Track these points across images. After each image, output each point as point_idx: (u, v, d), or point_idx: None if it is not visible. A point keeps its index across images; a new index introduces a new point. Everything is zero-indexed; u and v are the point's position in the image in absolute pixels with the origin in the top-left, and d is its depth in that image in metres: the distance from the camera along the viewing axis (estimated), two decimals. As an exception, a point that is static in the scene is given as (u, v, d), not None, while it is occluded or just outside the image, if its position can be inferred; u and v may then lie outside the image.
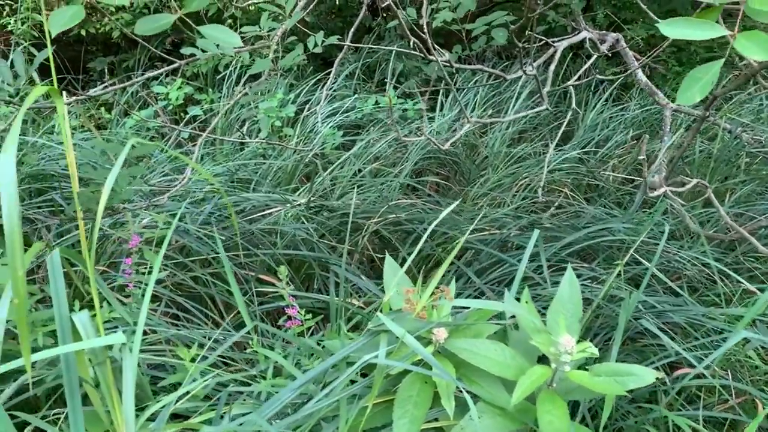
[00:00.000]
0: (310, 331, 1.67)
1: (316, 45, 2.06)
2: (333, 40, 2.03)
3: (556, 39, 2.79)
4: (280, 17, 2.19)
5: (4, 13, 3.42)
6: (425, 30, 2.17)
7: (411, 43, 1.89)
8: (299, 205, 2.47)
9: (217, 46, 2.03)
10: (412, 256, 1.14)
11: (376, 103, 3.81)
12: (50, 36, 0.66)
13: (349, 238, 2.56)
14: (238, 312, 2.24)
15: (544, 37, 2.68)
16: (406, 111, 3.82)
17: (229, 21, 4.20)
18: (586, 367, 1.01)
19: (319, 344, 1.41)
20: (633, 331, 1.80)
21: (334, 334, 1.64)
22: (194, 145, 2.30)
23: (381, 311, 0.99)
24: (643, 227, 2.50)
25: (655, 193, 1.46)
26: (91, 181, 1.60)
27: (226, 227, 2.41)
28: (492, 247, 2.35)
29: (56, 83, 1.50)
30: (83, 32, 4.42)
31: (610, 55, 2.92)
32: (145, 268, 1.53)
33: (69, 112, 3.53)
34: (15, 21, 3.34)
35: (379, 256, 2.50)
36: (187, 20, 0.87)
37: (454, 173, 3.56)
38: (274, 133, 3.66)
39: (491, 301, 1.02)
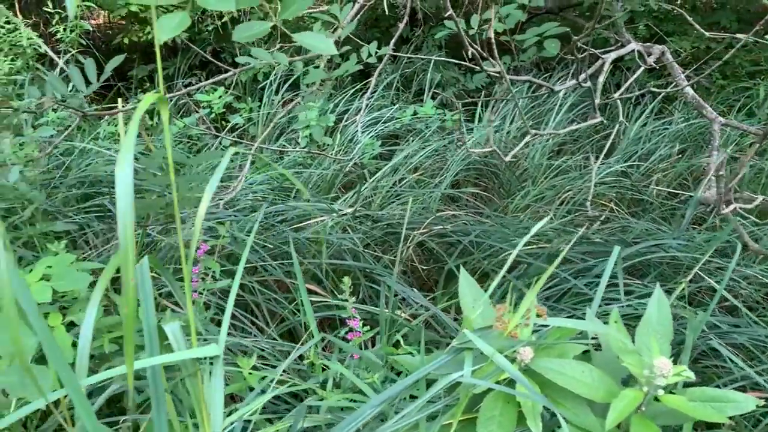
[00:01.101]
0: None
1: (369, 55, 2.06)
2: (386, 50, 2.02)
3: (602, 50, 2.75)
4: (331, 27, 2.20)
5: (54, 22, 3.48)
6: (476, 41, 2.15)
7: (469, 54, 1.87)
8: (345, 214, 2.45)
9: (272, 53, 2.04)
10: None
11: (415, 113, 3.80)
12: (158, 42, 0.66)
13: (394, 248, 2.55)
14: (282, 320, 2.24)
15: (592, 49, 2.64)
16: (444, 121, 3.80)
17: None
18: (672, 391, 0.97)
19: (379, 357, 1.39)
20: (695, 352, 1.75)
21: (390, 348, 1.62)
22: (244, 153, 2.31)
23: (462, 328, 0.96)
24: (694, 243, 2.44)
25: (726, 210, 1.41)
26: (136, 186, 1.61)
27: (273, 235, 2.41)
28: (540, 260, 2.31)
29: (101, 89, 1.50)
30: (126, 40, 4.50)
31: (657, 67, 2.87)
32: (204, 275, 1.52)
33: (108, 119, 3.58)
34: (64, 29, 3.40)
35: (423, 267, 2.48)
36: (282, 28, 0.86)
37: (493, 185, 3.52)
38: (313, 143, 3.67)
39: (578, 320, 0.99)
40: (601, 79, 2.64)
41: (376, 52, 2.06)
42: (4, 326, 1.00)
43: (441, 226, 2.45)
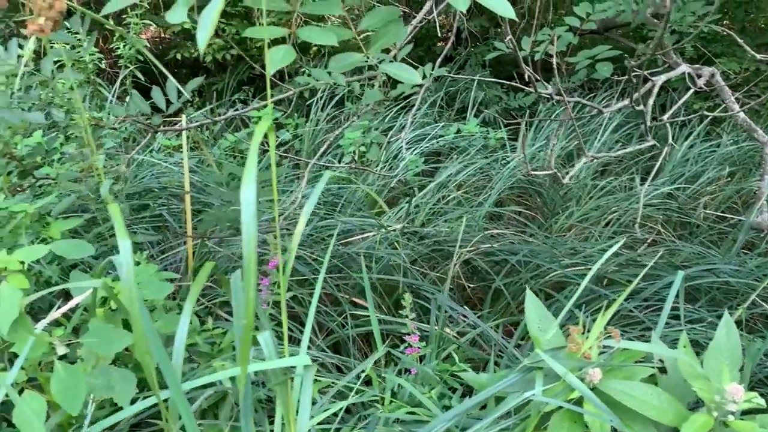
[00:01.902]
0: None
1: (424, 77, 2.11)
2: (442, 71, 2.07)
3: (650, 71, 2.76)
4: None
5: (114, 39, 3.64)
6: (528, 62, 2.19)
7: (525, 76, 1.91)
8: (393, 230, 2.50)
9: (329, 74, 2.11)
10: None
11: (458, 131, 3.84)
12: (269, 73, 0.71)
13: (440, 264, 2.58)
14: (330, 332, 2.29)
15: (644, 72, 2.65)
16: (487, 139, 3.84)
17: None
18: (741, 417, 0.98)
19: (437, 372, 1.42)
20: (753, 380, 1.73)
21: (445, 365, 1.65)
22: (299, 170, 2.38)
23: (534, 347, 0.99)
24: (746, 269, 2.41)
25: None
26: (193, 199, 1.68)
27: (322, 248, 2.46)
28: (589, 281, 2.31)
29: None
30: (179, 56, 4.66)
31: (707, 90, 2.86)
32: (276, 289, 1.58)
33: (165, 133, 3.70)
34: (123, 46, 3.55)
35: (470, 285, 2.50)
36: (371, 59, 0.91)
37: (536, 203, 3.53)
38: (357, 159, 3.74)
39: (646, 344, 1.01)
40: (651, 101, 2.64)
41: (431, 74, 2.12)
42: (97, 331, 1.07)
43: (488, 245, 2.47)
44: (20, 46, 2.22)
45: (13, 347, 0.96)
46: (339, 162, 3.66)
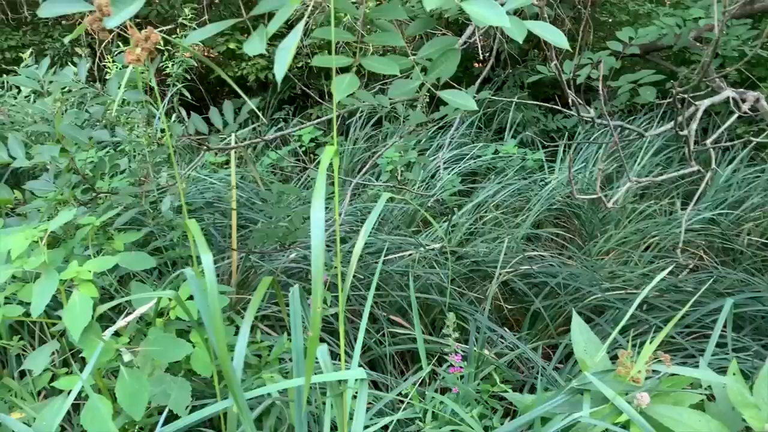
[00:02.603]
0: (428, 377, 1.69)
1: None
2: (485, 94, 2.11)
3: (692, 94, 2.75)
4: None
5: (164, 57, 3.78)
6: (570, 85, 2.20)
7: (571, 99, 1.93)
8: (432, 249, 2.53)
9: (374, 96, 2.17)
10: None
11: (496, 152, 3.86)
12: (336, 99, 0.76)
13: (478, 285, 2.59)
14: (368, 349, 2.31)
15: (687, 95, 2.64)
16: (525, 161, 3.84)
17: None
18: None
19: (478, 392, 1.43)
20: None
21: (486, 385, 1.66)
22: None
23: (581, 370, 1.00)
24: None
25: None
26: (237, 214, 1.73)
27: (362, 266, 2.50)
28: (628, 305, 2.30)
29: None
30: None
31: (752, 114, 2.83)
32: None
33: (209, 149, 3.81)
34: (172, 65, 3.68)
35: (509, 306, 2.51)
36: (428, 85, 0.96)
37: (574, 226, 3.51)
38: (393, 177, 3.79)
39: (696, 370, 1.01)
40: (694, 126, 2.63)
41: (475, 96, 2.15)
42: (157, 340, 1.12)
43: (527, 266, 2.48)
44: (74, 64, 2.33)
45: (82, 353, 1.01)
46: (377, 180, 3.71)
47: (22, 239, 1.07)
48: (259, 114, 1.47)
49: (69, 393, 1.00)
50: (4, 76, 3.87)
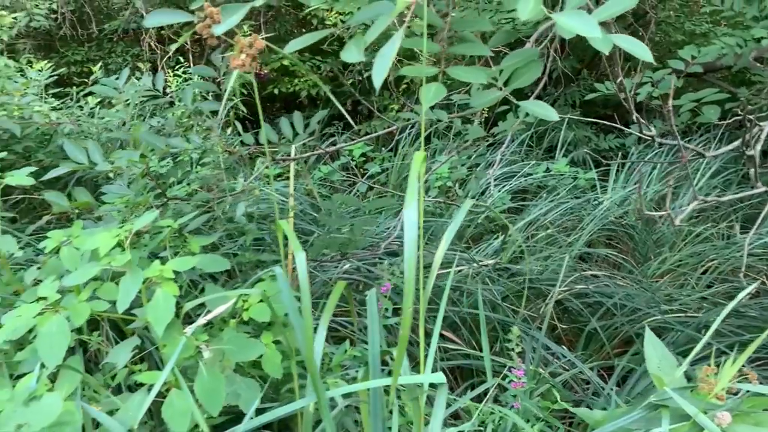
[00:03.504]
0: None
1: (527, 114, 2.15)
2: (554, 118, 2.11)
3: (756, 115, 2.68)
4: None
5: (221, 73, 3.88)
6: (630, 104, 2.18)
7: (633, 116, 1.91)
8: (486, 265, 2.52)
9: (432, 109, 2.19)
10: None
11: (547, 170, 3.83)
12: (425, 107, 0.78)
13: (532, 302, 2.57)
14: (417, 364, 2.31)
15: (752, 117, 2.58)
16: (576, 180, 3.80)
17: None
18: None
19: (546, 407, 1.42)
20: None
21: (546, 402, 1.64)
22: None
23: (655, 384, 0.98)
24: None
25: None
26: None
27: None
28: (688, 328, 2.24)
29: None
30: (276, 91, 4.92)
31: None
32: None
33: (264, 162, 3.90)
34: (227, 81, 3.77)
35: (563, 326, 2.47)
36: (508, 96, 0.97)
37: (627, 247, 3.45)
38: (441, 193, 3.80)
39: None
40: (758, 147, 2.56)
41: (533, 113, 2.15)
42: (232, 339, 1.15)
43: (582, 285, 2.44)
44: (137, 78, 2.43)
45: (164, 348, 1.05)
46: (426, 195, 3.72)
47: (109, 238, 1.12)
48: (315, 127, 1.50)
49: (150, 387, 1.04)
50: (74, 88, 4.05)
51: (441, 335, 2.36)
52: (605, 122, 2.65)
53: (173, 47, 1.01)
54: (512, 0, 0.89)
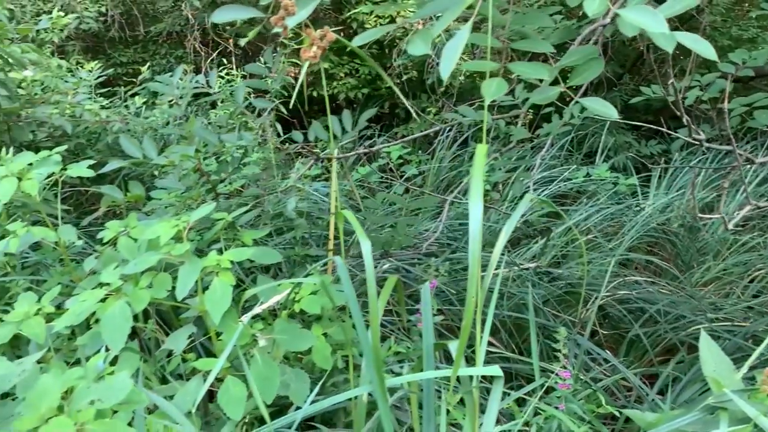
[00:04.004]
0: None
1: (572, 117, 2.14)
2: (576, 119, 2.09)
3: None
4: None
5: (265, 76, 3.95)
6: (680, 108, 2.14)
7: (684, 120, 1.88)
8: (527, 269, 2.50)
9: (475, 110, 2.19)
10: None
11: (587, 175, 3.79)
12: (486, 102, 0.79)
13: (573, 307, 2.54)
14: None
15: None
16: (617, 185, 3.75)
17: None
18: None
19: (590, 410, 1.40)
20: None
21: (591, 405, 1.62)
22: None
23: (713, 388, 0.97)
24: None
25: None
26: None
27: (453, 281, 2.51)
28: (736, 337, 2.19)
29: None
30: (314, 93, 4.98)
31: None
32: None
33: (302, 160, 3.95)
34: (271, 82, 3.84)
35: (604, 332, 2.44)
36: (567, 90, 0.97)
37: (669, 254, 3.38)
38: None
39: None
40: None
41: (578, 116, 2.14)
42: (284, 329, 1.17)
43: (625, 291, 2.41)
44: (179, 79, 2.48)
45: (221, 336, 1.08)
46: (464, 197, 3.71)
47: (168, 228, 1.16)
48: (365, 124, 1.52)
49: (206, 374, 1.06)
50: (121, 88, 4.17)
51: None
52: (650, 125, 2.61)
53: (243, 41, 1.04)
54: (574, -3, 0.89)
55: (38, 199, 1.39)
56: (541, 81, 2.38)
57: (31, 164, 1.40)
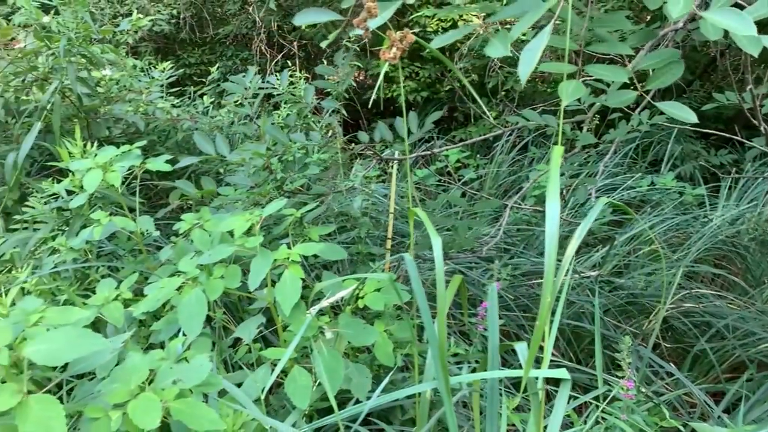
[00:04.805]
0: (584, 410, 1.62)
1: (640, 123, 2.09)
2: (645, 125, 2.04)
3: None
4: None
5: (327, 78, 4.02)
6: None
7: (761, 128, 1.81)
8: (588, 277, 2.45)
9: (541, 114, 2.17)
10: None
11: (652, 183, 3.68)
12: (563, 105, 0.79)
13: (634, 318, 2.48)
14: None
15: None
16: (683, 195, 3.62)
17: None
18: None
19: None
20: None
21: (653, 418, 1.58)
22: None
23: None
24: None
25: None
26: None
27: (512, 286, 2.49)
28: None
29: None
30: (375, 97, 5.03)
31: None
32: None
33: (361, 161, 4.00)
34: (338, 83, 3.90)
35: (667, 345, 2.37)
36: (647, 98, 0.96)
37: (737, 268, 3.24)
38: (539, 202, 3.73)
39: None
40: None
41: (646, 122, 2.09)
42: (348, 324, 1.19)
43: (691, 304, 2.33)
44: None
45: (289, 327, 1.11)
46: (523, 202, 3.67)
47: (242, 221, 1.21)
48: (431, 126, 1.53)
49: (273, 363, 1.10)
50: (191, 87, 4.33)
51: (541, 347, 2.33)
52: (723, 133, 2.52)
53: (324, 44, 1.07)
54: (654, 0, 0.88)
55: (119, 191, 1.47)
56: (608, 85, 2.34)
57: (114, 158, 1.48)
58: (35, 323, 0.80)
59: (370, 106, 4.95)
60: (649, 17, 3.96)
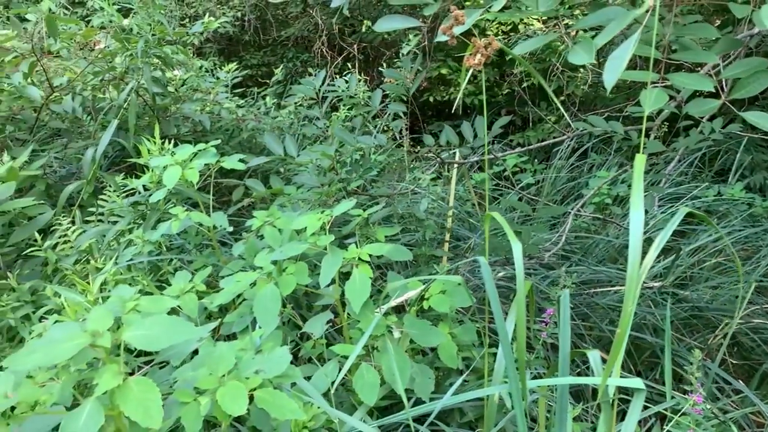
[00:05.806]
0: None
1: (712, 131, 2.03)
2: (718, 132, 1.98)
3: None
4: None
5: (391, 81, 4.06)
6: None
7: None
8: (651, 288, 2.40)
9: (607, 121, 2.13)
10: None
11: (719, 194, 3.55)
12: (645, 113, 0.78)
13: (699, 332, 2.40)
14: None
15: None
16: (753, 207, 3.48)
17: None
18: None
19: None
20: None
21: (720, 434, 1.54)
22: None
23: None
24: None
25: None
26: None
27: (571, 295, 2.45)
28: None
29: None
30: (431, 99, 5.04)
31: None
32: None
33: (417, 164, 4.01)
34: (401, 85, 3.92)
35: (733, 361, 2.28)
36: (731, 106, 0.94)
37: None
38: (599, 210, 3.66)
39: None
40: None
41: (719, 131, 2.03)
42: (413, 324, 1.21)
43: (761, 320, 2.24)
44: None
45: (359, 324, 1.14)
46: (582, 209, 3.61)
47: (315, 220, 1.24)
48: (498, 131, 1.53)
49: (341, 359, 1.13)
50: (254, 88, 4.45)
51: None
52: None
53: (405, 49, 1.10)
54: (742, 8, 0.87)
55: (196, 187, 1.54)
56: (678, 91, 2.28)
57: (192, 155, 1.55)
58: (131, 310, 0.86)
59: (431, 109, 4.97)
60: (719, 21, 3.83)
